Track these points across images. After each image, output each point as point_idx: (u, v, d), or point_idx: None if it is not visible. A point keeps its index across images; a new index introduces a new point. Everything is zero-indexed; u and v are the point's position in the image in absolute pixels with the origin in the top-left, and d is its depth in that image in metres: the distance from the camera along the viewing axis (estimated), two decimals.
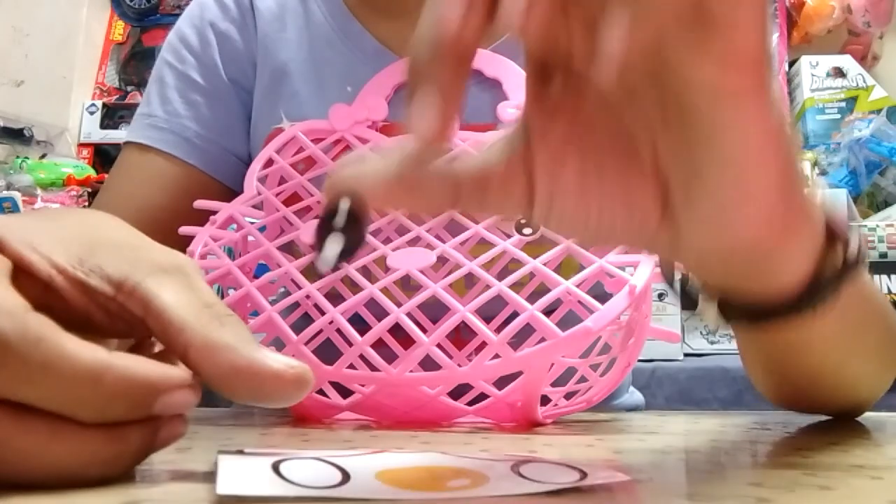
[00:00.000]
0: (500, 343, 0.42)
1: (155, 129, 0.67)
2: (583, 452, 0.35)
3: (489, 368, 0.43)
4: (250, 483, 0.22)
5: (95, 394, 0.22)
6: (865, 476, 0.28)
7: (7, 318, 0.22)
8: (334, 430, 0.43)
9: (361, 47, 0.65)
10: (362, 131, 0.59)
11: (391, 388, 0.45)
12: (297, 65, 0.65)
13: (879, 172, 1.53)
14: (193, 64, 0.68)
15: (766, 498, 0.23)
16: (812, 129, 1.64)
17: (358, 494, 0.22)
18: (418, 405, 0.46)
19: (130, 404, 0.23)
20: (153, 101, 0.68)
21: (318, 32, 0.66)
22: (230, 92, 0.68)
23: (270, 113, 0.64)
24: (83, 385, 0.22)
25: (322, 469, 0.24)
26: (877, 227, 1.21)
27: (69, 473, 0.23)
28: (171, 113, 0.67)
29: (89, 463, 0.23)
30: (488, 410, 0.47)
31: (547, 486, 0.23)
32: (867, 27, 1.70)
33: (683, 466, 0.31)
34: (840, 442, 0.39)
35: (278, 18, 0.68)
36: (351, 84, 0.63)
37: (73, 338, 0.22)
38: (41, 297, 0.24)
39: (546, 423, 0.48)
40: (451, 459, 0.27)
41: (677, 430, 0.45)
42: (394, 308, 0.45)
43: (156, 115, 0.67)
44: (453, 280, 0.47)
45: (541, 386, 0.45)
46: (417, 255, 0.49)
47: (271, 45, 0.67)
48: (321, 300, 0.46)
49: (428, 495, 0.22)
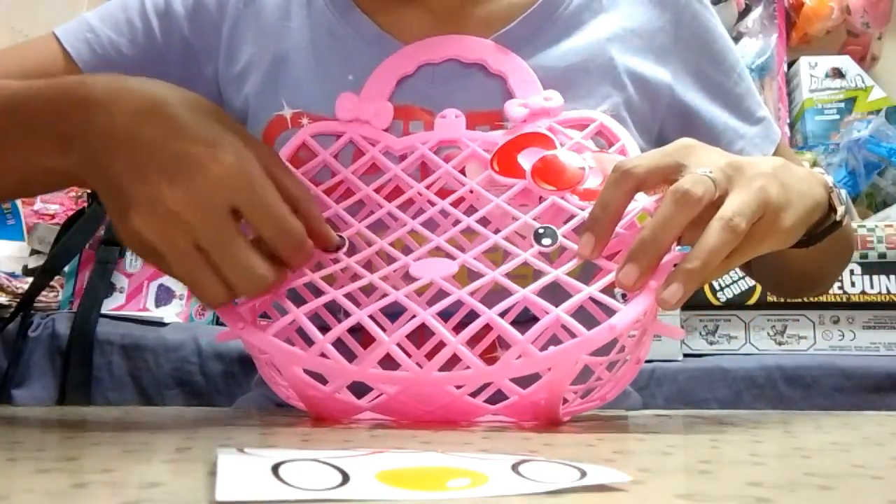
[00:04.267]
0: (526, 342, 0.43)
1: (87, 46, 0.66)
2: (583, 452, 0.35)
3: (516, 367, 0.44)
4: (250, 487, 0.22)
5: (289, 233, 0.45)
6: (865, 476, 0.28)
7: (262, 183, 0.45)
8: (334, 430, 0.43)
9: (363, 34, 0.65)
10: (370, 131, 0.60)
11: (417, 388, 0.45)
12: (298, 52, 0.65)
13: (878, 173, 1.53)
14: (162, 11, 0.67)
15: (766, 498, 0.23)
16: (811, 129, 1.64)
17: (358, 496, 0.22)
18: (442, 405, 0.46)
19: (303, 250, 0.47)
20: (103, 14, 0.67)
21: (320, 20, 0.66)
22: (178, 52, 0.67)
23: (271, 100, 0.64)
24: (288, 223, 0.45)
25: (322, 471, 0.24)
26: (876, 227, 1.21)
27: (257, 278, 0.44)
28: (109, 41, 0.66)
29: (266, 276, 0.44)
30: (511, 409, 0.47)
31: (547, 485, 0.23)
32: (866, 28, 1.70)
33: (683, 466, 0.31)
34: (840, 442, 0.39)
35: (280, 7, 0.68)
36: (353, 72, 0.63)
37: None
38: None
39: (565, 420, 0.49)
40: (451, 459, 0.27)
41: (677, 430, 0.45)
42: (419, 310, 0.46)
43: (98, 32, 0.66)
44: (478, 287, 0.48)
45: (566, 384, 0.45)
46: (439, 266, 0.49)
47: (272, 32, 0.66)
48: (345, 303, 0.48)
49: (428, 495, 0.22)
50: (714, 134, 0.67)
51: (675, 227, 0.44)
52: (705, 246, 0.43)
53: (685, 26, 0.68)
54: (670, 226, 0.44)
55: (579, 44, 0.64)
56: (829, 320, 1.20)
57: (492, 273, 0.48)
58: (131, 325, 1.20)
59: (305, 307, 0.48)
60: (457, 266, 0.49)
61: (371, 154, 0.59)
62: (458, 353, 0.44)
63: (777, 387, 1.14)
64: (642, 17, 0.67)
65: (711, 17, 0.70)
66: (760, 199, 0.45)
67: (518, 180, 0.54)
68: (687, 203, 0.44)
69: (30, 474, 0.26)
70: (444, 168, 0.57)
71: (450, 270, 0.49)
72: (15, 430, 0.43)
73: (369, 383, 0.47)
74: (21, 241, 1.45)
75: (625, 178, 0.46)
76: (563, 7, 0.66)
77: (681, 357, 1.17)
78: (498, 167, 0.55)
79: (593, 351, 0.44)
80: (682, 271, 0.43)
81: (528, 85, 0.61)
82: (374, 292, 0.52)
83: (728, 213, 0.44)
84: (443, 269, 0.49)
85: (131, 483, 0.25)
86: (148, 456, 0.31)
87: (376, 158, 0.59)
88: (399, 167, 0.57)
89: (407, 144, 0.59)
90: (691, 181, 0.44)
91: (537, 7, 0.65)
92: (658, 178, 0.47)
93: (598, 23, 0.66)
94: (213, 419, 0.50)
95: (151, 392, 1.15)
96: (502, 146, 0.56)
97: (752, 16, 1.73)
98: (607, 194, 0.47)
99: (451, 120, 0.60)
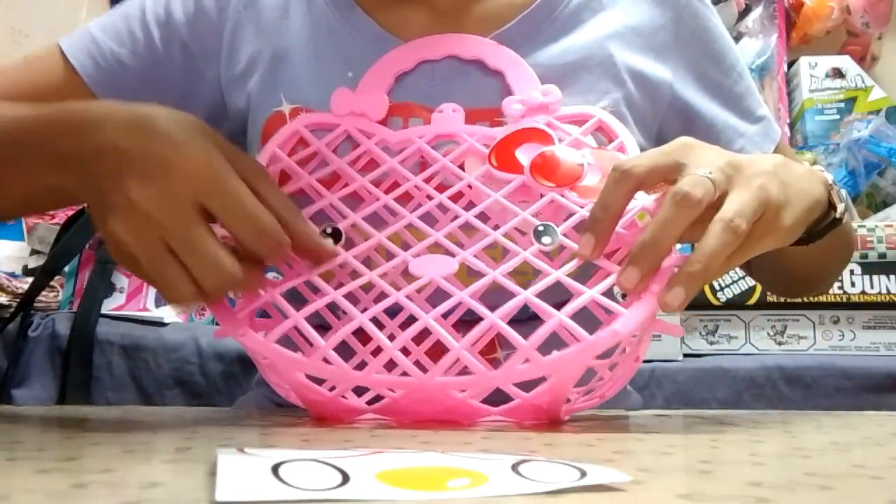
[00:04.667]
0: (531, 348, 0.43)
1: (90, 58, 0.66)
2: (583, 452, 0.35)
3: (520, 373, 0.44)
4: (250, 487, 0.22)
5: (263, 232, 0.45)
6: (865, 476, 0.28)
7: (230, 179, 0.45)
8: (334, 430, 0.43)
9: (363, 32, 0.65)
10: (366, 125, 0.59)
11: (420, 393, 0.45)
12: (297, 50, 0.65)
13: (878, 173, 1.53)
14: (163, 21, 0.67)
15: (766, 498, 0.23)
16: (811, 129, 1.64)
17: (358, 496, 0.22)
18: (444, 408, 0.46)
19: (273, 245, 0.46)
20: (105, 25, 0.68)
21: (320, 18, 0.66)
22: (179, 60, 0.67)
23: (270, 97, 0.64)
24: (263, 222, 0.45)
25: (322, 471, 0.24)
26: (875, 227, 1.21)
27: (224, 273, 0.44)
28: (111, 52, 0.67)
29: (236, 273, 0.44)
30: (513, 411, 0.47)
31: (547, 485, 0.23)
32: (866, 28, 1.70)
33: (683, 466, 0.31)
34: (840, 442, 0.39)
35: (280, 6, 0.68)
36: (352, 69, 0.63)
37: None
38: None
39: (565, 419, 0.49)
40: (451, 459, 0.27)
41: (677, 430, 0.45)
42: (421, 314, 0.46)
43: (100, 44, 0.67)
44: (478, 288, 0.47)
45: (569, 388, 0.46)
46: (439, 263, 0.49)
47: (272, 30, 0.66)
48: (346, 305, 0.47)
49: (428, 495, 0.22)
50: (714, 132, 0.67)
51: (675, 230, 0.44)
52: (706, 248, 0.43)
53: (685, 25, 0.68)
54: (671, 228, 0.44)
55: (579, 41, 0.64)
56: (829, 320, 1.20)
57: (492, 273, 0.48)
58: (131, 325, 1.20)
59: (305, 310, 0.48)
60: (456, 264, 0.49)
61: (366, 146, 0.58)
62: (462, 358, 0.44)
63: (777, 387, 1.14)
64: (643, 15, 0.67)
65: (712, 17, 0.70)
66: (761, 197, 0.45)
67: (516, 176, 0.54)
68: (687, 205, 0.44)
69: (30, 474, 0.26)
70: (441, 162, 0.56)
71: (449, 269, 0.49)
72: (15, 430, 0.43)
73: (373, 388, 0.47)
74: (21, 241, 1.45)
75: (625, 178, 0.46)
76: (562, 6, 0.66)
77: (681, 357, 1.17)
78: (496, 162, 0.55)
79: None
80: (684, 274, 0.43)
81: (526, 81, 0.60)
82: (373, 289, 0.52)
83: (728, 214, 0.44)
84: (442, 266, 0.49)
85: (131, 483, 0.25)
86: (148, 456, 0.31)
87: (372, 151, 0.58)
88: (396, 160, 0.57)
89: (404, 138, 0.58)
90: (691, 183, 0.44)
91: (536, 6, 0.65)
92: (658, 178, 0.47)
93: (598, 21, 0.66)
94: (213, 419, 0.50)
95: (151, 392, 1.15)
96: (500, 141, 0.56)
97: (752, 16, 1.73)
98: (607, 195, 0.47)
99: (449, 114, 0.59)
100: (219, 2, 0.68)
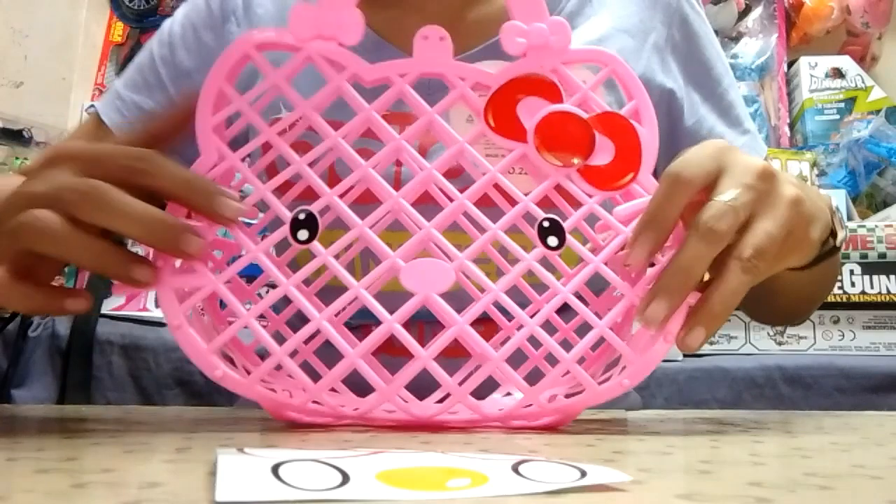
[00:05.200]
0: (536, 394, 0.43)
1: (117, 113, 0.73)
2: (583, 452, 0.35)
3: (523, 414, 0.44)
4: (250, 487, 0.22)
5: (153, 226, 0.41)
6: (865, 476, 0.28)
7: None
8: (334, 430, 0.43)
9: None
10: (335, 52, 0.47)
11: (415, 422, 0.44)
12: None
13: (878, 173, 1.53)
14: (169, 60, 0.73)
15: (766, 498, 0.23)
16: (811, 129, 1.64)
17: (358, 496, 0.22)
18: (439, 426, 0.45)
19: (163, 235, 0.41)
20: (126, 78, 0.75)
21: None
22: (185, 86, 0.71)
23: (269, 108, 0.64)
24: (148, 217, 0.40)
25: (322, 471, 0.24)
26: (875, 227, 1.21)
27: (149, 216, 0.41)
28: (133, 103, 0.73)
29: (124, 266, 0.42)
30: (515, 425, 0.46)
31: (547, 485, 0.23)
32: (866, 28, 1.70)
33: (683, 466, 0.31)
34: (840, 442, 0.39)
35: (275, 19, 0.69)
36: None
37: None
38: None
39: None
40: (451, 459, 0.27)
41: (677, 430, 0.45)
42: (419, 350, 0.42)
43: (123, 98, 0.74)
44: (475, 310, 0.44)
45: (570, 420, 0.46)
46: (434, 273, 0.43)
47: None
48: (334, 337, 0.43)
49: (428, 495, 0.22)
50: (700, 137, 0.67)
51: (702, 264, 0.42)
52: (727, 289, 0.42)
53: (676, 29, 0.69)
54: (696, 263, 0.42)
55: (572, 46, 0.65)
56: (829, 320, 1.20)
57: (494, 290, 0.44)
58: (131, 325, 1.20)
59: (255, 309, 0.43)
60: (453, 275, 0.43)
61: (336, 84, 0.46)
62: (463, 402, 0.43)
63: (777, 387, 1.14)
64: (634, 17, 0.68)
65: (703, 24, 0.71)
66: (790, 219, 0.44)
67: (517, 144, 0.46)
68: (713, 241, 0.42)
69: (30, 474, 0.26)
70: (428, 114, 0.47)
71: (445, 281, 0.43)
72: (15, 430, 0.43)
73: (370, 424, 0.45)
74: None
75: (679, 189, 0.43)
76: (556, 11, 0.66)
77: (681, 357, 1.17)
78: (493, 122, 0.47)
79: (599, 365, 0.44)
80: (704, 314, 0.42)
81: (531, 7, 0.48)
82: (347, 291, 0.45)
83: (748, 251, 0.42)
84: (437, 277, 0.43)
85: (131, 483, 0.25)
86: (148, 456, 0.31)
87: (342, 90, 0.47)
88: (372, 107, 0.46)
89: (381, 76, 0.47)
90: (716, 216, 0.42)
91: None
92: (705, 185, 0.44)
93: (590, 25, 0.67)
94: (213, 419, 0.50)
95: (151, 392, 1.15)
96: (497, 91, 0.47)
97: (752, 16, 1.73)
98: (660, 208, 0.43)
99: (435, 42, 0.48)
100: (214, 29, 0.72)
